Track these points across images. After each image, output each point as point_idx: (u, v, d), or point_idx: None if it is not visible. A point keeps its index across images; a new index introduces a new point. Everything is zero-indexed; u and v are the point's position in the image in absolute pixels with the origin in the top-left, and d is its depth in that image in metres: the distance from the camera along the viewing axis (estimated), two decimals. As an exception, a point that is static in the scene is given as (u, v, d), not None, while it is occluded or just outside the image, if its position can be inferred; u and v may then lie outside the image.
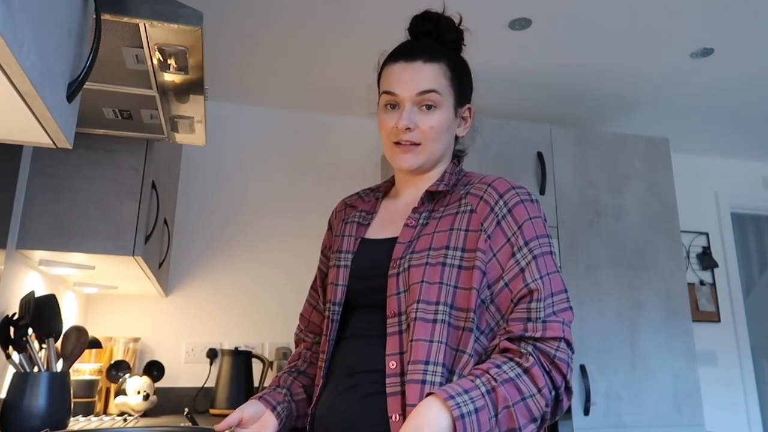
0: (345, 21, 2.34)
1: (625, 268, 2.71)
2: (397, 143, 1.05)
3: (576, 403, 2.48)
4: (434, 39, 1.10)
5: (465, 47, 1.14)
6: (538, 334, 0.89)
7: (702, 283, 3.43)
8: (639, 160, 2.88)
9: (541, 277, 0.93)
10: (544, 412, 0.87)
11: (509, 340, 0.91)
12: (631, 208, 2.80)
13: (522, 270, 0.94)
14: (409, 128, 1.03)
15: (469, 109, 1.12)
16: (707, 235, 3.54)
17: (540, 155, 2.73)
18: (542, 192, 2.69)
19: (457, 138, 1.14)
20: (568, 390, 0.91)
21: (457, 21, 1.12)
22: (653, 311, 2.68)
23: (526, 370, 0.87)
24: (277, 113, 3.13)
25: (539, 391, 0.86)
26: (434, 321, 0.93)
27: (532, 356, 0.88)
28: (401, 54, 1.07)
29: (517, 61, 2.63)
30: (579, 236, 2.69)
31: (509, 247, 0.96)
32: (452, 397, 0.83)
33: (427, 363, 0.90)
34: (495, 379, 0.85)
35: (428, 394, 0.85)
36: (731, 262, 3.54)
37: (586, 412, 2.47)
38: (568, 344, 0.91)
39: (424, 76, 1.03)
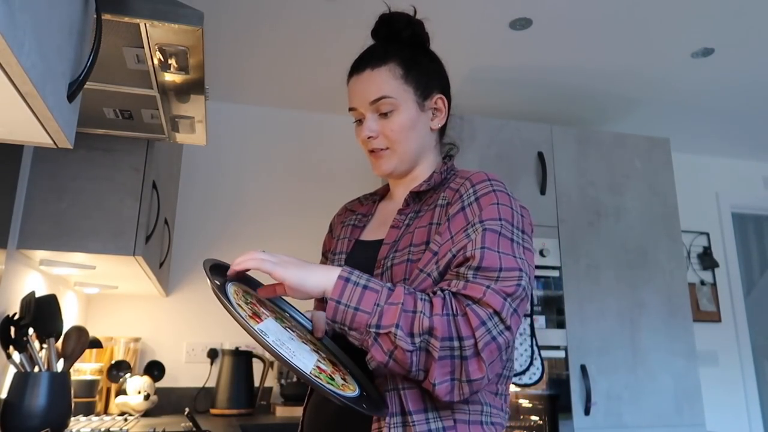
0: (344, 21, 2.34)
1: (625, 268, 2.70)
2: (371, 152, 1.07)
3: (577, 403, 2.48)
4: (392, 39, 1.09)
5: (429, 37, 1.13)
6: (454, 289, 0.85)
7: (703, 283, 3.43)
8: (639, 160, 2.87)
9: (482, 248, 0.88)
10: (424, 338, 0.81)
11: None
12: (631, 208, 2.79)
13: (470, 241, 0.90)
14: (371, 137, 1.05)
15: (441, 99, 1.09)
16: (708, 235, 3.53)
17: (540, 155, 2.73)
18: (543, 192, 2.69)
19: (443, 134, 1.14)
20: (479, 355, 0.81)
21: (412, 13, 1.11)
22: (654, 311, 2.68)
23: (430, 299, 0.85)
24: (277, 113, 3.13)
25: (431, 315, 0.82)
26: None
27: (443, 294, 0.85)
28: (352, 68, 1.09)
29: (517, 61, 2.63)
30: (579, 236, 2.69)
31: (466, 226, 0.93)
32: (352, 268, 0.88)
33: None
34: (403, 286, 0.87)
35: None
36: (732, 262, 3.54)
37: (587, 412, 2.47)
38: (496, 313, 0.83)
39: (373, 84, 1.04)
